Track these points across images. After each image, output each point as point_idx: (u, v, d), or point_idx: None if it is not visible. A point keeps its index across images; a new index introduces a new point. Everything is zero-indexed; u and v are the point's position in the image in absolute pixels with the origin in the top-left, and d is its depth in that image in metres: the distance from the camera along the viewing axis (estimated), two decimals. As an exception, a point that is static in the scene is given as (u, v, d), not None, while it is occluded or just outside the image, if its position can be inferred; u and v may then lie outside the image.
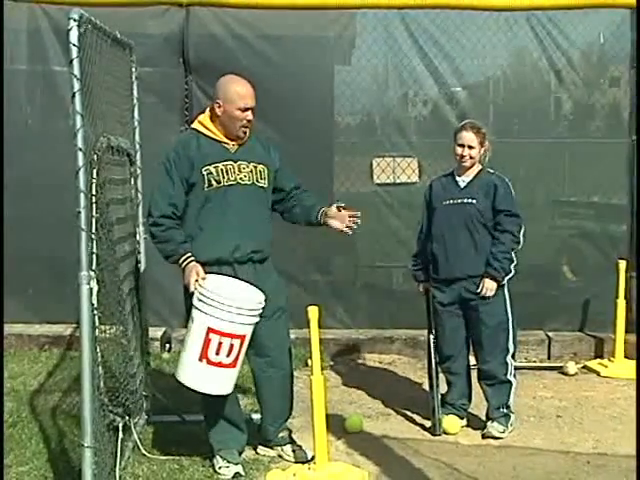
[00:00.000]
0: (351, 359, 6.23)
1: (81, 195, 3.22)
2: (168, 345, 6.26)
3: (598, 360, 6.09)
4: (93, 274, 3.29)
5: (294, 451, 4.14)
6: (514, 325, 4.52)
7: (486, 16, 6.24)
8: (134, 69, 4.58)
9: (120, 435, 3.83)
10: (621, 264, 5.97)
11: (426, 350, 4.73)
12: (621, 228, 6.48)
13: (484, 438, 4.49)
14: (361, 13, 6.37)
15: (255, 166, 3.94)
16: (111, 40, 3.94)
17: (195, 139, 3.92)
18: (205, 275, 3.75)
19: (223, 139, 3.92)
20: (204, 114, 3.99)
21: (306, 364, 5.52)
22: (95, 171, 3.50)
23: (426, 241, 4.65)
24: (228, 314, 3.61)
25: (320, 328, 3.76)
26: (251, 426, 4.26)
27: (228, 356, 3.65)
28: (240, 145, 3.95)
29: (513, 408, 4.57)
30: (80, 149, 3.19)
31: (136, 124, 4.60)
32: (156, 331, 6.06)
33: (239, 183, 3.89)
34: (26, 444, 4.24)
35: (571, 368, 5.87)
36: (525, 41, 6.43)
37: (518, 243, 4.44)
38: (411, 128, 6.68)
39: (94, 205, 3.45)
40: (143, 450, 4.10)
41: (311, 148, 6.27)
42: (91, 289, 3.28)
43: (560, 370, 5.90)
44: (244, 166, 3.92)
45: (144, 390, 4.54)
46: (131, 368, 4.15)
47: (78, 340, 3.37)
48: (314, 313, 3.73)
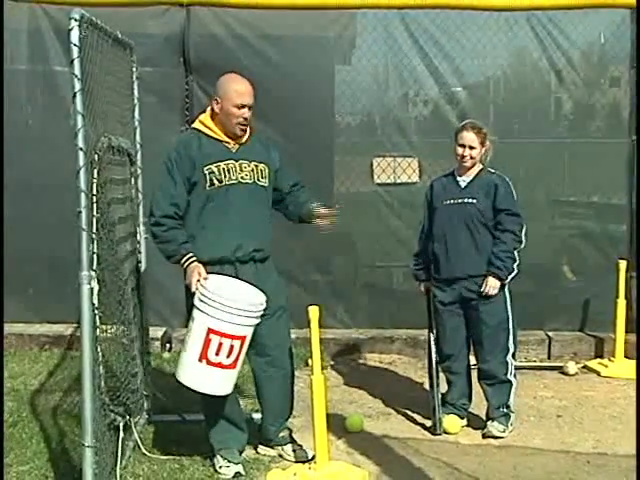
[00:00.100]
0: (351, 359, 6.24)
1: (82, 195, 3.23)
2: (169, 345, 6.27)
3: (598, 360, 6.09)
4: (94, 274, 3.30)
5: (295, 451, 4.14)
6: (514, 325, 4.52)
7: (486, 16, 6.24)
8: (135, 69, 4.58)
9: (121, 434, 3.83)
10: (621, 264, 5.97)
11: (426, 350, 4.74)
12: (621, 228, 6.49)
13: (484, 438, 4.49)
14: (361, 13, 6.37)
15: (256, 165, 3.95)
16: (112, 40, 3.94)
17: (196, 139, 3.93)
18: (207, 275, 3.76)
19: (224, 138, 3.93)
20: (205, 114, 4.00)
21: (306, 364, 5.52)
22: (96, 171, 3.51)
23: (427, 241, 4.66)
24: (229, 315, 3.62)
25: (320, 328, 3.77)
26: (251, 426, 4.27)
27: (228, 357, 3.66)
28: (241, 144, 3.96)
29: (513, 408, 4.58)
30: (81, 149, 3.20)
31: (137, 124, 4.60)
32: (157, 331, 6.07)
33: (240, 182, 3.90)
34: (27, 444, 4.25)
35: (571, 368, 5.87)
36: (525, 41, 6.43)
37: (520, 242, 4.45)
38: (411, 128, 6.68)
39: (95, 205, 3.46)
40: (144, 449, 4.10)
41: (311, 148, 6.28)
42: (92, 289, 3.28)
43: (560, 370, 5.91)
44: (245, 165, 3.92)
45: (145, 390, 4.54)
46: (132, 368, 4.16)
47: (79, 340, 3.38)
48: (314, 313, 3.74)
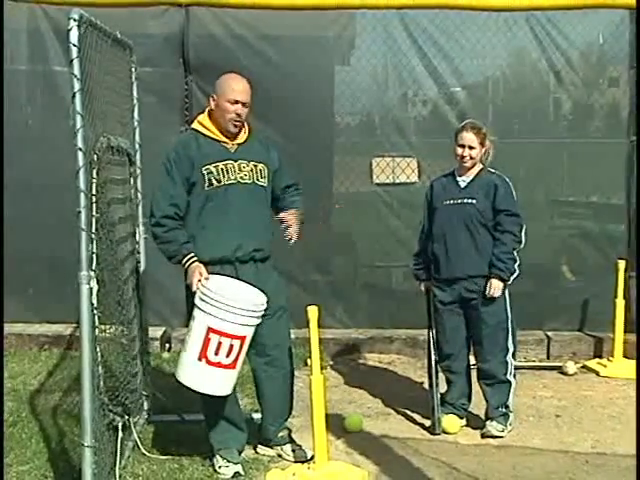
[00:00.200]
0: (351, 359, 6.24)
1: (81, 195, 3.23)
2: (168, 345, 6.27)
3: (597, 360, 6.10)
4: (93, 274, 3.30)
5: (294, 450, 4.14)
6: (514, 325, 4.53)
7: (485, 16, 6.24)
8: (134, 69, 4.59)
9: (120, 434, 3.83)
10: (620, 264, 5.97)
11: (426, 349, 4.74)
12: (620, 228, 6.50)
13: (483, 437, 4.50)
14: (360, 13, 6.37)
15: (255, 165, 3.95)
16: (111, 40, 3.95)
17: (195, 139, 3.94)
18: (208, 275, 3.76)
19: (222, 138, 3.93)
20: (203, 114, 4.01)
21: (306, 364, 5.52)
22: (95, 171, 3.51)
23: (427, 241, 4.66)
24: (229, 314, 3.62)
25: (320, 328, 3.77)
26: (251, 425, 4.27)
27: (227, 356, 3.65)
28: (240, 144, 3.97)
29: (512, 407, 4.58)
30: (80, 149, 3.20)
31: (136, 124, 4.61)
32: (156, 331, 6.07)
33: (239, 182, 3.90)
34: (26, 443, 4.25)
35: (570, 368, 5.87)
36: (524, 41, 6.44)
37: (520, 242, 4.45)
38: (410, 128, 6.69)
39: (94, 205, 3.46)
40: (143, 449, 4.10)
41: (311, 148, 6.28)
42: (91, 289, 3.29)
43: (559, 370, 5.91)
44: (244, 165, 3.93)
45: (144, 389, 4.55)
46: (132, 367, 4.16)
47: (78, 340, 3.38)
48: (314, 313, 3.74)
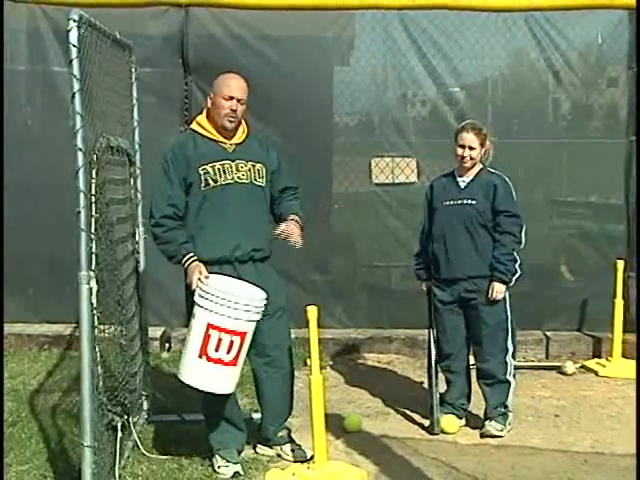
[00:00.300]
0: (350, 359, 6.25)
1: (81, 195, 3.23)
2: (167, 345, 6.27)
3: (596, 360, 6.10)
4: (92, 274, 3.30)
5: (293, 450, 4.15)
6: (514, 325, 4.53)
7: (484, 17, 6.25)
8: (134, 69, 4.59)
9: (119, 434, 3.84)
10: (619, 264, 5.98)
11: (425, 349, 4.74)
12: (619, 228, 6.50)
13: (482, 437, 4.50)
14: (360, 14, 6.38)
15: (253, 165, 3.96)
16: (110, 41, 3.95)
17: (192, 139, 3.96)
18: (208, 274, 3.77)
19: (220, 138, 3.95)
20: (202, 115, 4.02)
21: (305, 364, 5.52)
22: (95, 171, 3.52)
23: (427, 241, 4.67)
24: (228, 309, 3.62)
25: (319, 328, 3.77)
26: (250, 425, 4.27)
27: (228, 353, 3.65)
28: (238, 144, 3.97)
29: (512, 407, 4.58)
30: (80, 149, 3.21)
31: (136, 124, 4.62)
32: (155, 331, 6.07)
33: (237, 182, 3.90)
34: (26, 443, 4.25)
35: (569, 368, 5.88)
36: (523, 42, 6.45)
37: (520, 243, 4.45)
38: (410, 128, 6.69)
39: (94, 205, 3.47)
40: (142, 449, 4.10)
41: (310, 148, 6.29)
42: (91, 289, 3.29)
43: (558, 370, 5.91)
44: (242, 165, 3.93)
45: (143, 389, 4.55)
46: (131, 368, 4.16)
47: (78, 340, 3.39)
48: (313, 313, 3.74)
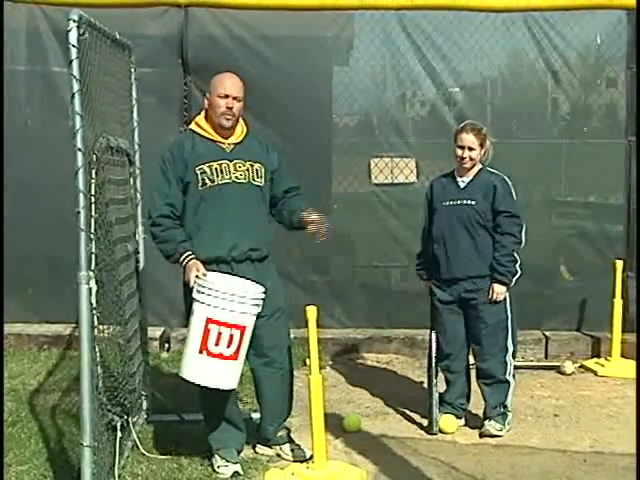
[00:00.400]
0: (349, 359, 6.25)
1: (80, 195, 3.24)
2: (167, 345, 6.28)
3: (595, 359, 6.11)
4: (92, 274, 3.31)
5: (293, 450, 4.15)
6: (514, 325, 4.53)
7: (483, 17, 6.25)
8: (133, 70, 4.60)
9: (119, 434, 3.84)
10: (618, 264, 5.99)
11: (425, 349, 4.75)
12: (618, 228, 6.52)
13: (482, 437, 4.50)
14: (359, 14, 6.38)
15: (252, 165, 3.96)
16: (110, 41, 3.95)
17: (191, 139, 3.97)
18: (205, 271, 3.78)
19: (218, 138, 3.95)
20: (200, 115, 4.04)
21: (304, 363, 5.52)
22: (94, 171, 3.52)
23: (428, 241, 4.67)
24: (226, 302, 3.62)
25: (318, 328, 3.78)
26: (250, 425, 4.28)
27: (228, 347, 3.64)
28: (236, 144, 3.98)
29: (511, 407, 4.59)
30: (79, 149, 3.21)
31: (135, 124, 4.62)
32: (155, 331, 6.07)
33: (234, 182, 3.91)
34: (25, 443, 4.25)
35: (568, 367, 5.89)
36: (522, 42, 6.46)
37: (520, 244, 4.45)
38: (409, 128, 6.70)
39: (93, 205, 3.47)
40: (142, 449, 4.11)
41: (309, 148, 6.29)
42: (90, 289, 3.29)
43: (557, 369, 5.92)
44: (240, 165, 3.94)
45: (143, 389, 4.56)
46: (130, 368, 4.16)
47: (77, 340, 3.39)
48: (312, 313, 3.75)
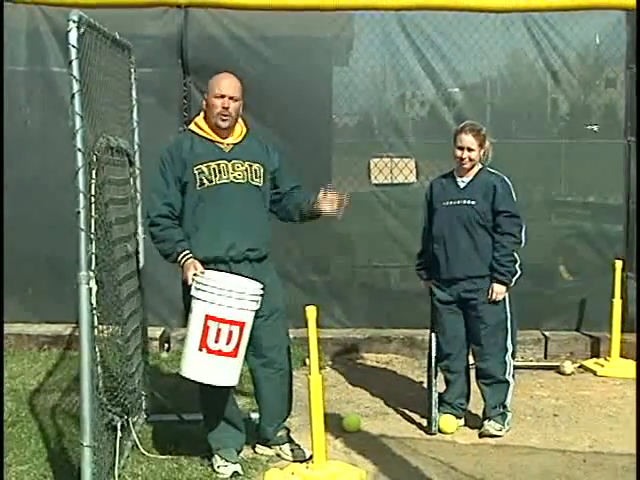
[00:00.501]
0: (349, 358, 6.26)
1: (80, 195, 3.24)
2: (167, 345, 6.28)
3: (594, 359, 6.12)
4: (92, 274, 3.31)
5: (292, 450, 4.15)
6: (514, 325, 4.54)
7: (483, 17, 6.25)
8: (133, 70, 4.60)
9: (119, 434, 3.84)
10: (617, 264, 6.00)
11: (424, 349, 4.75)
12: (617, 228, 6.52)
13: (481, 437, 4.50)
14: (359, 14, 6.39)
15: (250, 165, 3.97)
16: (110, 41, 3.96)
17: (189, 140, 3.98)
18: (203, 270, 3.78)
19: (216, 139, 3.96)
20: (199, 115, 4.05)
21: (304, 363, 5.54)
22: (94, 171, 3.53)
23: (428, 241, 4.67)
24: (225, 299, 3.63)
25: (318, 328, 3.78)
26: (249, 425, 4.28)
27: (228, 344, 3.65)
28: (235, 144, 3.99)
29: (510, 407, 4.59)
30: (79, 150, 3.22)
31: (135, 125, 4.63)
32: (155, 331, 6.07)
33: (232, 182, 3.91)
34: (25, 443, 4.25)
35: (567, 367, 5.89)
36: (522, 42, 6.47)
37: (519, 243, 4.46)
38: (408, 129, 6.71)
39: (93, 205, 3.48)
40: (142, 449, 4.11)
41: (309, 148, 6.30)
42: (90, 289, 3.30)
43: (557, 369, 5.93)
44: (238, 165, 3.94)
45: (143, 389, 4.56)
46: (129, 368, 4.16)
47: (77, 340, 3.39)
48: (312, 313, 3.75)
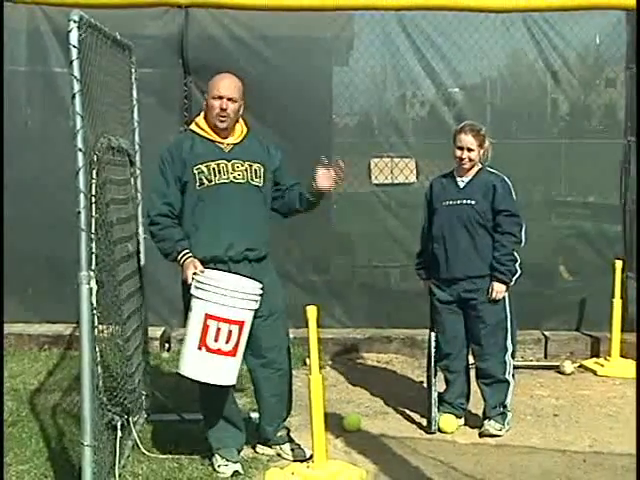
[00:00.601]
0: (349, 358, 6.26)
1: (81, 195, 3.25)
2: (167, 344, 6.29)
3: (594, 359, 6.12)
4: (93, 274, 3.32)
5: (293, 450, 4.16)
6: (513, 324, 4.54)
7: (483, 17, 6.25)
8: (134, 70, 4.61)
9: (119, 434, 3.84)
10: (617, 264, 6.00)
11: (425, 349, 4.75)
12: (617, 228, 6.53)
13: (481, 437, 4.51)
14: (359, 14, 6.39)
15: (250, 165, 3.97)
16: (111, 41, 3.96)
17: (190, 139, 3.98)
18: (203, 269, 3.79)
19: (217, 138, 3.97)
20: (200, 115, 4.05)
21: (304, 363, 5.55)
22: (95, 171, 3.53)
23: (427, 241, 4.68)
24: (226, 298, 3.63)
25: (318, 327, 3.78)
26: (249, 425, 4.29)
27: (227, 343, 3.66)
28: (235, 144, 3.99)
29: (510, 407, 4.59)
30: (80, 150, 3.22)
31: (135, 125, 4.63)
32: (155, 330, 6.08)
33: (232, 182, 3.92)
34: (26, 443, 4.26)
35: (567, 367, 5.90)
36: (522, 42, 6.47)
37: (519, 243, 4.46)
38: (409, 129, 6.71)
39: (94, 205, 3.48)
40: (142, 449, 4.11)
41: (309, 148, 6.26)
42: (91, 289, 3.30)
43: (557, 369, 5.93)
44: (238, 165, 3.94)
45: (143, 389, 4.56)
46: (129, 368, 4.17)
47: (78, 339, 3.40)
48: (312, 313, 3.75)
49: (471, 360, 4.70)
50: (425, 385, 4.72)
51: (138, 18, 6.14)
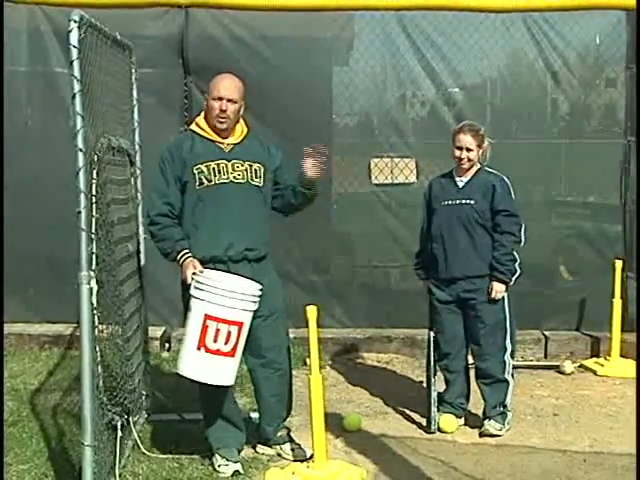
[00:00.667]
0: (349, 358, 6.26)
1: (81, 195, 3.25)
2: (167, 344, 6.29)
3: (594, 359, 6.12)
4: (93, 274, 3.32)
5: (293, 450, 4.16)
6: (513, 324, 4.54)
7: (483, 17, 6.26)
8: (134, 70, 4.61)
9: (119, 434, 3.85)
10: (617, 263, 6.01)
11: (424, 349, 4.75)
12: (617, 228, 6.53)
13: (481, 436, 4.51)
14: (359, 14, 6.39)
15: (250, 165, 3.97)
16: (111, 41, 3.97)
17: (190, 139, 3.99)
18: (202, 269, 3.79)
19: (217, 138, 3.97)
20: (200, 115, 4.05)
21: (305, 363, 5.55)
22: (95, 171, 3.54)
23: (426, 241, 4.68)
24: (225, 299, 3.64)
25: (318, 327, 3.79)
26: (250, 425, 4.29)
27: (226, 344, 3.66)
28: (236, 144, 3.99)
29: (510, 407, 4.59)
30: (80, 150, 3.23)
31: (136, 125, 4.63)
32: (156, 330, 6.08)
33: (232, 182, 3.92)
34: (26, 443, 4.26)
35: (567, 367, 5.90)
36: (522, 42, 6.47)
37: (519, 243, 4.46)
38: (409, 129, 6.71)
39: (94, 205, 3.49)
40: (143, 448, 4.11)
41: (310, 149, 6.30)
42: (91, 289, 3.30)
43: (557, 369, 5.93)
44: (238, 165, 3.95)
45: (144, 389, 4.56)
46: (129, 368, 4.17)
47: (78, 339, 3.40)
48: (312, 313, 3.76)
49: (470, 360, 4.70)
50: (425, 385, 4.72)
51: (138, 18, 6.14)
